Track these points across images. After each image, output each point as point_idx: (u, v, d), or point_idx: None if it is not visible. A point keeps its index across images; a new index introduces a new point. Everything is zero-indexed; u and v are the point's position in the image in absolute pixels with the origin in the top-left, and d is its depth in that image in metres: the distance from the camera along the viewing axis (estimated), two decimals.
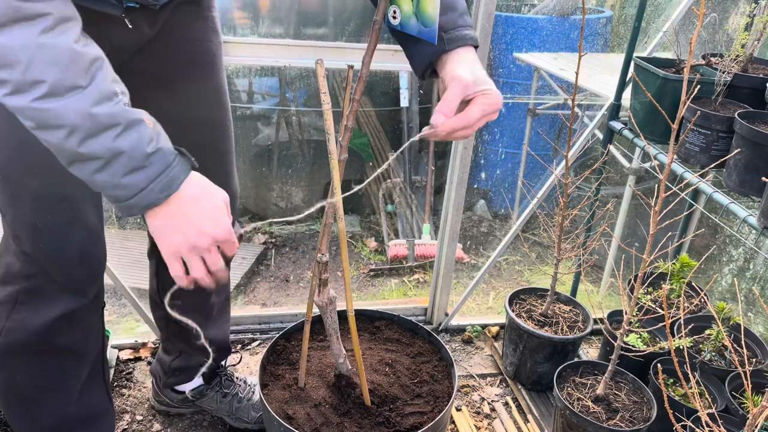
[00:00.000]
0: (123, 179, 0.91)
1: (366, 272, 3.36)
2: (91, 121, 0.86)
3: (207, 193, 0.99)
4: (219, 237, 0.99)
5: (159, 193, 0.94)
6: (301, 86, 3.69)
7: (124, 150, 0.89)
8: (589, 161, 3.75)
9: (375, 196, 3.76)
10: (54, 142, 0.88)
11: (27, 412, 1.39)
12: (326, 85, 1.11)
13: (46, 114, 0.85)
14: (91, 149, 0.88)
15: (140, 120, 0.91)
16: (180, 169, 0.95)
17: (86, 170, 0.91)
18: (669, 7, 3.56)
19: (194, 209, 0.97)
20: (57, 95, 0.84)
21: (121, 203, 0.95)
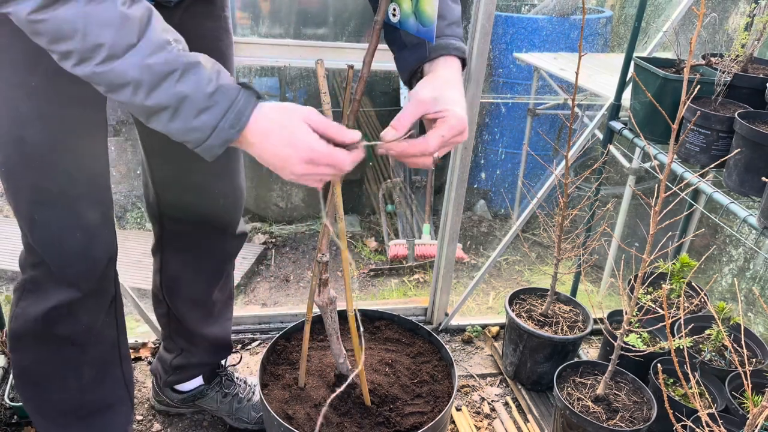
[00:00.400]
0: (194, 122, 0.95)
1: (366, 272, 3.36)
2: (149, 72, 0.90)
3: (277, 121, 0.98)
4: (303, 157, 0.98)
5: (230, 129, 0.96)
6: (301, 86, 3.69)
7: (187, 93, 0.92)
8: (589, 161, 3.75)
9: (375, 196, 3.76)
10: (125, 100, 0.93)
11: (38, 396, 1.42)
12: (326, 85, 1.11)
13: (110, 75, 0.90)
14: (158, 100, 0.92)
15: (197, 62, 0.94)
16: (245, 102, 0.97)
17: (162, 122, 0.95)
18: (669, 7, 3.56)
19: (270, 142, 0.98)
20: (115, 56, 0.89)
21: (201, 146, 0.98)
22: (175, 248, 1.60)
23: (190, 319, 1.66)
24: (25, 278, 1.31)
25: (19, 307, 1.33)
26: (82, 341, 1.36)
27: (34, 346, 1.36)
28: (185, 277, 1.62)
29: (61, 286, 1.28)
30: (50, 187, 1.19)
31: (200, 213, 1.51)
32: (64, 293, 1.29)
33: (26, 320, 1.32)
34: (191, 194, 1.50)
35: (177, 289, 1.64)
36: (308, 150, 0.97)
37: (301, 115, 0.99)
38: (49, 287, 1.29)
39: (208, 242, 1.59)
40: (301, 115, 0.99)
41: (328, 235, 1.26)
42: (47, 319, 1.30)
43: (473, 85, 1.92)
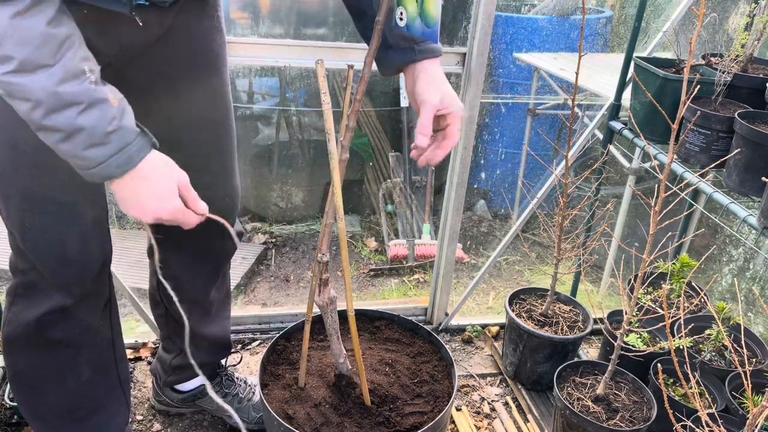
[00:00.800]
0: (83, 152, 0.97)
1: (366, 272, 3.36)
2: (54, 98, 0.91)
3: (158, 174, 1.05)
4: (162, 216, 1.07)
5: (116, 168, 1.00)
6: (301, 86, 3.69)
7: (85, 127, 0.94)
8: (589, 161, 3.75)
9: (375, 196, 3.76)
10: (21, 111, 0.94)
11: (34, 398, 1.42)
12: (326, 85, 1.11)
13: (13, 87, 0.91)
14: (54, 122, 0.93)
15: (104, 99, 0.96)
16: (138, 148, 1.01)
17: (51, 139, 0.97)
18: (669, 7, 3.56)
19: (143, 189, 1.04)
20: (25, 71, 0.89)
21: (82, 171, 1.01)
22: (172, 249, 1.60)
23: (188, 320, 1.66)
24: (17, 282, 1.30)
25: (11, 311, 1.32)
26: (76, 344, 1.36)
27: (27, 350, 1.35)
28: (182, 278, 1.62)
29: (54, 291, 1.28)
30: (41, 193, 1.18)
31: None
32: (56, 298, 1.28)
33: (19, 325, 1.31)
34: None
35: (174, 290, 1.64)
36: (169, 211, 1.07)
37: (177, 177, 1.08)
38: (41, 292, 1.28)
39: (204, 242, 1.59)
40: (177, 178, 1.08)
41: (329, 235, 1.26)
42: (40, 323, 1.30)
43: (473, 85, 1.92)
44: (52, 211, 1.20)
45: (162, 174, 1.05)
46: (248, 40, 1.84)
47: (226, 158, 1.50)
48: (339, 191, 1.20)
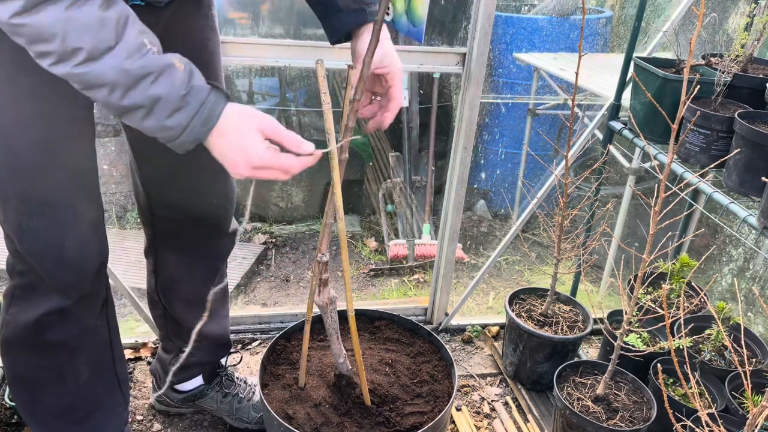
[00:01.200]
0: (167, 121, 0.99)
1: (366, 272, 3.36)
2: (126, 75, 0.94)
3: (235, 125, 1.04)
4: (254, 163, 1.04)
5: (201, 127, 1.01)
6: (301, 86, 3.69)
7: (161, 94, 0.96)
8: (589, 161, 3.75)
9: (375, 196, 3.76)
10: (101, 99, 0.97)
11: (33, 398, 1.42)
12: (326, 85, 1.11)
13: (87, 76, 0.94)
14: (133, 100, 0.96)
15: (170, 64, 0.98)
16: (214, 102, 1.02)
17: (135, 119, 0.99)
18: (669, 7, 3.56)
19: (225, 143, 1.04)
20: (93, 59, 0.92)
21: (173, 143, 1.02)
22: (169, 249, 1.60)
23: (187, 319, 1.66)
24: (14, 284, 1.30)
25: (9, 313, 1.32)
26: (74, 345, 1.36)
27: (26, 352, 1.35)
28: (181, 278, 1.62)
29: (51, 293, 1.28)
30: (38, 196, 1.18)
31: (193, 213, 1.51)
32: (54, 300, 1.28)
33: (17, 327, 1.31)
34: (183, 195, 1.49)
35: (173, 290, 1.64)
36: (255, 157, 1.04)
37: (256, 123, 1.05)
38: (38, 294, 1.28)
39: (202, 242, 1.59)
40: (256, 124, 1.05)
41: (329, 235, 1.26)
42: (38, 325, 1.30)
43: (473, 85, 1.92)
44: (50, 214, 1.20)
45: (239, 124, 1.04)
46: (248, 40, 1.84)
47: None
48: (339, 191, 1.20)
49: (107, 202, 3.71)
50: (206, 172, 1.47)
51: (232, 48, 1.78)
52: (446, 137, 3.85)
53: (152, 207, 1.53)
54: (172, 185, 1.49)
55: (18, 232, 1.21)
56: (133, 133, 1.44)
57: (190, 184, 1.48)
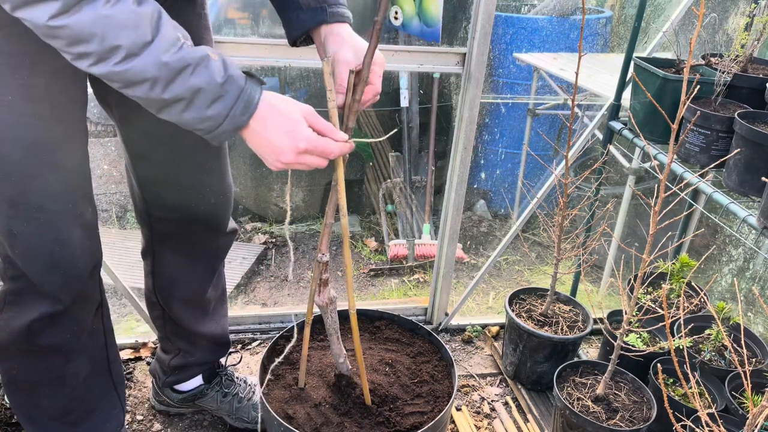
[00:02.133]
0: (207, 111, 1.00)
1: (366, 272, 3.36)
2: (166, 69, 0.95)
3: (279, 110, 1.05)
4: (296, 148, 1.05)
5: (241, 116, 1.02)
6: (301, 86, 3.69)
7: (200, 85, 0.97)
8: (589, 161, 3.74)
9: (375, 196, 3.76)
10: (141, 95, 0.97)
11: (28, 401, 1.42)
12: (332, 83, 1.12)
13: (127, 74, 0.94)
14: (174, 92, 0.97)
15: (206, 56, 0.99)
16: (252, 89, 1.03)
17: (175, 112, 1.00)
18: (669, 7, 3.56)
19: (269, 128, 1.04)
20: (133, 55, 0.93)
21: (212, 134, 1.03)
22: (167, 250, 1.60)
23: (186, 320, 1.66)
24: (5, 289, 1.29)
25: (1, 319, 1.31)
26: (68, 349, 1.35)
27: (20, 356, 1.34)
28: (179, 278, 1.62)
29: (43, 298, 1.27)
30: (30, 201, 1.17)
31: (191, 213, 1.51)
32: (46, 305, 1.27)
33: (10, 332, 1.30)
34: (180, 195, 1.49)
35: (171, 291, 1.64)
36: (305, 140, 1.05)
37: (300, 108, 1.06)
38: (30, 299, 1.27)
39: (200, 242, 1.59)
40: (300, 109, 1.06)
41: (329, 234, 1.26)
42: (30, 330, 1.29)
43: (473, 85, 1.92)
44: (41, 219, 1.19)
45: (283, 108, 1.05)
46: (248, 40, 1.84)
47: (220, 156, 1.50)
48: (342, 187, 1.20)
49: (107, 202, 3.71)
50: (203, 171, 1.47)
51: (231, 48, 1.78)
52: (446, 137, 3.85)
53: (149, 208, 1.53)
54: (169, 185, 1.48)
55: (8, 237, 1.20)
56: (128, 134, 1.44)
57: (186, 184, 1.47)
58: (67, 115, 1.18)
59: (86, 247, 1.28)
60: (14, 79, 1.08)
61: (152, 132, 1.38)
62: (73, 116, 1.19)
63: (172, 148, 1.41)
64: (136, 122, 1.38)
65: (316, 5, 1.22)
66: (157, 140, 1.40)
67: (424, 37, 1.16)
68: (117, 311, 2.58)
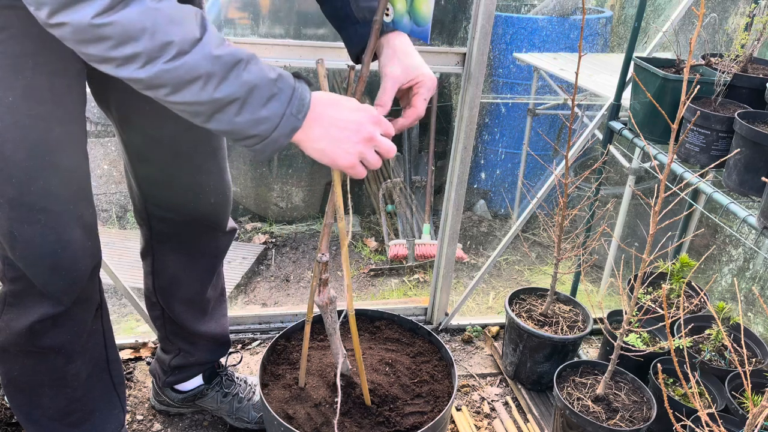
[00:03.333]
0: (262, 111, 0.94)
1: (366, 272, 3.36)
2: (219, 63, 0.90)
3: (335, 97, 1.02)
4: (375, 119, 1.02)
5: (297, 115, 0.97)
6: None
7: (254, 81, 0.93)
8: (589, 161, 3.75)
9: (375, 196, 3.76)
10: (191, 98, 0.91)
11: (29, 402, 1.42)
12: (327, 85, 1.11)
13: (180, 71, 0.88)
14: (228, 90, 0.91)
15: (252, 54, 0.95)
16: (302, 86, 0.99)
17: (227, 116, 0.93)
18: (669, 7, 3.56)
19: (339, 112, 1.01)
20: (185, 51, 0.88)
21: (267, 140, 0.97)
22: (167, 250, 1.60)
23: (186, 320, 1.66)
24: (6, 291, 1.29)
25: (1, 320, 1.31)
26: (69, 350, 1.35)
27: (20, 357, 1.34)
28: (179, 278, 1.62)
29: (44, 299, 1.27)
30: (31, 202, 1.16)
31: (190, 213, 1.51)
32: (47, 306, 1.27)
33: (10, 334, 1.30)
34: (179, 195, 1.49)
35: (171, 291, 1.64)
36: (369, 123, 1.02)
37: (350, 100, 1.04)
38: (31, 301, 1.27)
39: (199, 241, 1.59)
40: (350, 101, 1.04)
41: (329, 235, 1.26)
42: (32, 332, 1.29)
43: (473, 85, 1.92)
44: (42, 220, 1.18)
45: (338, 100, 1.01)
46: (248, 40, 1.84)
47: (219, 156, 1.50)
48: (339, 191, 1.20)
49: (107, 202, 3.71)
50: (202, 171, 1.47)
51: None
52: (446, 137, 3.85)
53: (148, 208, 1.53)
54: (168, 186, 1.48)
55: (9, 238, 1.19)
56: (127, 135, 1.43)
57: (186, 184, 1.47)
58: (69, 116, 1.17)
59: (87, 248, 1.28)
60: (16, 81, 1.08)
61: (151, 133, 1.38)
62: (74, 117, 1.19)
63: (171, 149, 1.41)
64: (135, 123, 1.38)
65: (372, 17, 1.16)
66: (156, 141, 1.40)
67: (414, 35, 1.15)
68: (117, 311, 2.59)
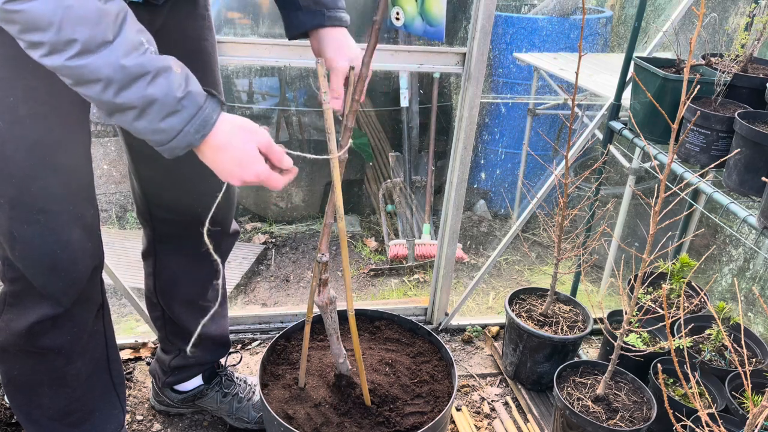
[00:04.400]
0: (160, 124, 0.97)
1: (366, 272, 3.36)
2: (122, 72, 0.91)
3: (235, 140, 1.04)
4: (247, 180, 1.06)
5: (195, 134, 1.00)
6: (301, 86, 3.69)
7: (156, 96, 0.94)
8: (589, 161, 3.75)
9: (375, 196, 3.76)
10: (93, 95, 0.93)
11: (29, 402, 1.41)
12: (327, 85, 1.11)
13: (81, 70, 0.90)
14: (126, 99, 0.93)
15: (168, 66, 0.96)
16: (211, 109, 1.01)
17: (126, 119, 0.96)
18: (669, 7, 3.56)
19: (224, 156, 1.04)
20: (89, 51, 0.89)
21: (162, 146, 1.00)
22: (169, 251, 1.60)
23: (186, 320, 1.66)
24: (6, 291, 1.29)
25: (1, 320, 1.30)
26: (69, 351, 1.35)
27: (20, 357, 1.34)
28: (180, 279, 1.62)
29: (44, 300, 1.26)
30: (31, 203, 1.16)
31: (193, 214, 1.51)
32: (46, 307, 1.27)
33: (10, 334, 1.30)
34: (182, 197, 1.49)
35: (172, 292, 1.64)
36: (252, 175, 1.06)
37: (257, 140, 1.05)
38: (31, 301, 1.27)
39: (202, 244, 1.58)
40: (256, 140, 1.05)
41: (329, 235, 1.26)
42: (31, 333, 1.28)
43: (473, 85, 1.92)
44: (42, 221, 1.18)
45: (240, 139, 1.04)
46: (248, 40, 1.84)
47: None
48: (339, 191, 1.20)
49: (107, 202, 3.71)
50: (205, 174, 1.47)
51: (231, 48, 1.78)
52: (446, 137, 3.85)
53: (151, 209, 1.53)
54: (171, 187, 1.48)
55: (9, 239, 1.19)
56: (130, 135, 1.43)
57: (188, 186, 1.47)
58: (69, 117, 1.17)
59: (87, 249, 1.28)
60: (17, 81, 1.08)
61: None
62: (75, 117, 1.19)
63: None
64: None
65: (316, 8, 1.23)
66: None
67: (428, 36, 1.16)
68: (117, 311, 2.58)
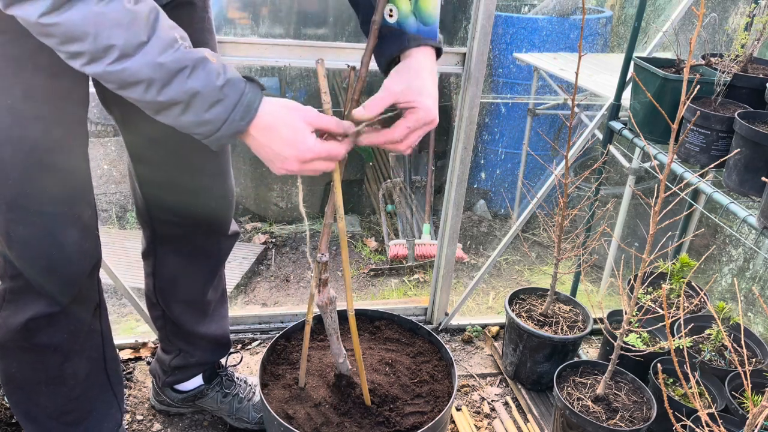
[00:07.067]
0: (206, 115, 0.97)
1: (366, 272, 3.36)
2: (161, 70, 0.92)
3: (281, 119, 1.02)
4: (302, 158, 1.03)
5: (240, 121, 0.99)
6: (301, 86, 3.69)
7: (198, 88, 0.95)
8: (589, 161, 3.75)
9: (375, 196, 3.76)
10: (137, 97, 0.95)
11: (27, 399, 1.42)
12: (327, 85, 1.11)
13: (122, 74, 0.92)
14: (169, 96, 0.94)
15: (203, 58, 0.96)
16: (252, 94, 1.00)
17: (172, 115, 0.97)
18: (669, 7, 3.56)
19: (273, 138, 1.02)
20: (128, 55, 0.91)
21: (210, 138, 1.01)
22: (168, 251, 1.60)
23: (186, 320, 1.66)
24: (5, 287, 1.29)
25: (0, 316, 1.31)
26: (66, 349, 1.35)
27: (18, 354, 1.34)
28: (180, 280, 1.62)
29: (40, 298, 1.27)
30: (28, 204, 1.16)
31: (193, 216, 1.51)
32: (43, 305, 1.27)
33: (8, 330, 1.30)
34: (181, 198, 1.49)
35: (172, 292, 1.64)
36: (308, 151, 1.02)
37: (303, 115, 1.03)
38: (28, 298, 1.27)
39: (202, 244, 1.58)
40: (302, 116, 1.03)
41: (329, 235, 1.26)
42: (27, 329, 1.29)
43: (473, 85, 1.92)
44: (39, 222, 1.18)
45: (285, 118, 1.02)
46: (248, 40, 1.84)
47: (220, 159, 1.50)
48: (339, 191, 1.20)
49: (107, 202, 3.71)
50: (204, 174, 1.47)
51: (232, 48, 1.78)
52: (446, 137, 3.85)
53: (150, 209, 1.53)
54: (170, 188, 1.48)
55: (6, 238, 1.20)
56: (129, 135, 1.44)
57: (188, 187, 1.47)
58: (68, 117, 1.17)
59: (84, 249, 1.28)
60: (16, 82, 1.08)
61: (153, 133, 1.38)
62: (74, 118, 1.19)
63: (172, 150, 1.41)
64: (137, 123, 1.38)
65: (397, 31, 1.13)
66: (156, 142, 1.40)
67: (421, 34, 1.14)
68: (117, 311, 2.59)
